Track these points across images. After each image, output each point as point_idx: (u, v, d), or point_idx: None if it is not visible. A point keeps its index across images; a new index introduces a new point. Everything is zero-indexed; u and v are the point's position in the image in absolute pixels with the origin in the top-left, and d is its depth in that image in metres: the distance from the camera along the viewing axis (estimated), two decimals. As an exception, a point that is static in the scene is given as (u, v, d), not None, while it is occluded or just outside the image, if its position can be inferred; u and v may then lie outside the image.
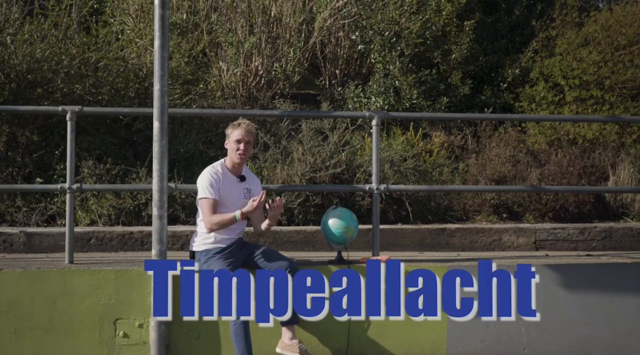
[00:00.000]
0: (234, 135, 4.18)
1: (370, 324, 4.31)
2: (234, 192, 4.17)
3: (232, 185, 4.18)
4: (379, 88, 7.69)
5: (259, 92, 8.27)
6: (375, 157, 4.57)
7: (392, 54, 7.67)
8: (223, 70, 8.34)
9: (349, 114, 6.54)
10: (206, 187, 4.08)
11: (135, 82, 6.92)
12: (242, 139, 4.17)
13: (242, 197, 4.21)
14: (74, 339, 4.17)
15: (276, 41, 8.32)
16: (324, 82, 8.46)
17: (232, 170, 4.22)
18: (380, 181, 4.72)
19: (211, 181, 4.09)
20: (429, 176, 6.69)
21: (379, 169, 4.58)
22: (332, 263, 4.42)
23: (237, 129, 4.19)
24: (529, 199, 6.23)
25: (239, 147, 4.16)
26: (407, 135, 7.53)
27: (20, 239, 5.34)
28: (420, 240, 5.61)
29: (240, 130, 4.18)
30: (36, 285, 4.17)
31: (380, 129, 4.59)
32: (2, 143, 5.91)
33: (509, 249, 5.66)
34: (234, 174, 4.21)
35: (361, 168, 6.13)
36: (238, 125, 4.21)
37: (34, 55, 5.92)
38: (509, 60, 8.04)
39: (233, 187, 4.18)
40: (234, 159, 4.18)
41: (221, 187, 4.12)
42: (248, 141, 4.20)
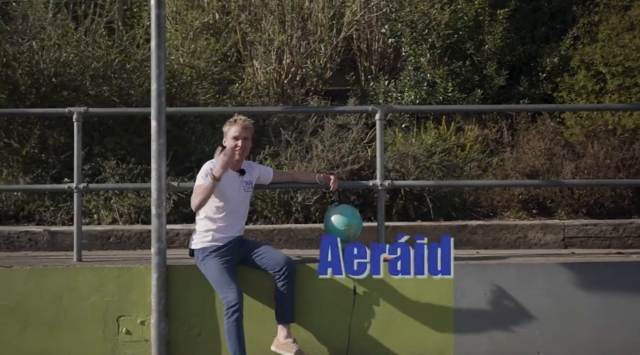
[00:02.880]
0: (231, 132, 4.16)
1: (371, 323, 4.20)
2: (234, 187, 4.16)
3: (232, 180, 4.16)
4: (410, 82, 7.51)
5: (293, 90, 8.26)
6: (380, 152, 4.43)
7: (423, 46, 7.46)
8: (256, 68, 8.38)
9: (352, 108, 6.38)
10: (201, 177, 4.08)
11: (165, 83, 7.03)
12: (240, 135, 4.15)
13: (242, 192, 4.20)
14: (79, 335, 4.26)
15: (307, 37, 8.27)
16: (359, 78, 8.35)
17: (231, 165, 4.20)
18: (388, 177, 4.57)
19: (207, 171, 4.08)
20: (459, 171, 6.47)
21: (384, 165, 4.46)
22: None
23: (234, 126, 4.17)
24: (561, 194, 5.91)
25: (236, 144, 4.14)
26: (440, 129, 7.33)
27: (44, 238, 5.52)
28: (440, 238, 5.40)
29: (237, 126, 4.16)
30: (43, 283, 4.28)
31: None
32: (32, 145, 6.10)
33: (535, 247, 5.38)
34: (233, 169, 4.19)
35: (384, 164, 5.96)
36: (234, 122, 4.19)
37: (60, 59, 6.09)
38: (548, 49, 7.66)
39: (232, 182, 4.16)
40: (232, 156, 4.16)
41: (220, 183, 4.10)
42: (245, 137, 4.18)
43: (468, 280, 4.20)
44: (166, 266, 4.14)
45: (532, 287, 4.19)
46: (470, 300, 4.20)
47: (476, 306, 4.20)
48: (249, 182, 4.26)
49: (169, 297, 4.18)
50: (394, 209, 5.69)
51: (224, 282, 3.95)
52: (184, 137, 6.52)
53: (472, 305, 4.20)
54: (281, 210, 5.73)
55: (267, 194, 5.70)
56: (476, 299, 4.20)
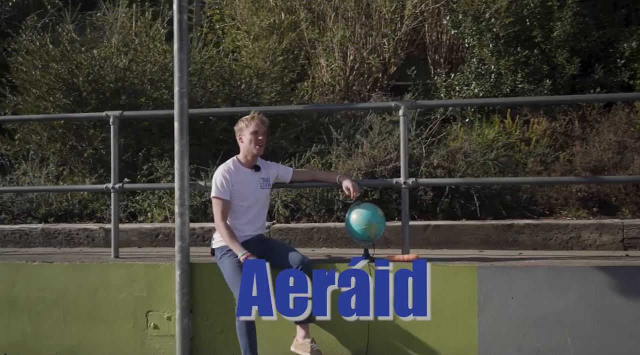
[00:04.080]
0: (250, 128, 4.21)
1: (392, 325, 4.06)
2: (251, 184, 4.20)
3: (248, 177, 4.20)
4: (472, 74, 7.20)
5: (359, 86, 8.19)
6: (404, 149, 4.27)
7: (487, 36, 7.12)
8: (322, 66, 8.39)
9: (374, 105, 6.19)
10: (218, 186, 4.14)
11: (226, 84, 7.24)
12: (259, 130, 4.21)
13: (258, 188, 4.22)
14: (112, 329, 4.47)
15: (370, 33, 8.16)
16: (429, 71, 8.13)
17: (247, 163, 4.24)
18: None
19: (222, 181, 4.14)
20: (519, 167, 6.13)
21: (407, 162, 4.27)
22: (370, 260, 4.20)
23: (253, 122, 4.22)
24: (625, 191, 5.43)
25: (257, 139, 4.19)
26: (506, 123, 6.98)
27: (100, 235, 5.85)
28: (484, 238, 5.16)
29: (255, 122, 4.22)
30: (80, 277, 4.53)
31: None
32: (94, 147, 6.48)
33: (590, 248, 4.98)
34: (249, 166, 4.23)
35: (430, 160, 5.78)
36: (252, 118, 4.24)
37: (119, 66, 6.42)
38: (627, 33, 7.06)
39: (249, 179, 4.20)
40: (252, 151, 4.20)
41: (235, 182, 4.15)
42: (264, 132, 4.25)
43: (492, 283, 3.96)
44: (189, 264, 4.24)
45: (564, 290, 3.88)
46: (495, 305, 3.96)
47: (501, 311, 3.95)
48: (267, 179, 4.27)
49: (193, 294, 4.27)
50: (438, 207, 5.49)
51: (237, 281, 3.96)
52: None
53: (497, 310, 3.96)
54: (323, 208, 5.69)
55: (309, 192, 5.69)
56: (502, 303, 3.95)
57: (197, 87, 7.05)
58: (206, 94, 7.13)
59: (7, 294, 4.63)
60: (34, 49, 6.75)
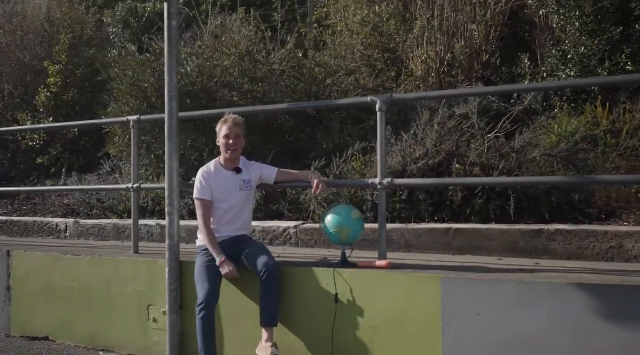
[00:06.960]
0: (222, 131, 4.24)
1: (355, 335, 3.83)
2: (229, 186, 4.22)
3: (227, 179, 4.23)
4: (561, 58, 6.41)
5: (453, 78, 7.75)
6: (381, 146, 3.97)
7: (572, 14, 6.28)
8: (411, 58, 8.06)
9: (350, 101, 5.61)
10: (197, 188, 4.23)
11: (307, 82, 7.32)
12: (230, 133, 4.20)
13: (237, 190, 4.23)
14: (123, 320, 4.80)
15: (457, 21, 7.65)
16: (536, 57, 7.42)
17: (226, 165, 4.26)
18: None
19: (201, 181, 4.22)
20: (598, 164, 5.33)
21: (385, 160, 3.97)
22: (335, 266, 4.05)
23: (225, 125, 4.24)
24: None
25: (228, 143, 4.19)
26: (597, 112, 6.13)
27: (157, 230, 6.26)
28: (511, 244, 4.59)
29: (227, 125, 4.23)
30: (99, 271, 4.93)
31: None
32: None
33: (635, 260, 4.18)
34: (229, 168, 4.25)
35: (466, 157, 5.28)
36: (225, 121, 4.25)
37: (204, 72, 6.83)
38: None
39: (227, 182, 4.23)
40: (225, 155, 4.23)
41: (215, 184, 4.21)
42: (237, 135, 4.22)
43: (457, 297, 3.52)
44: (179, 261, 4.38)
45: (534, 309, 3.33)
46: (461, 320, 3.52)
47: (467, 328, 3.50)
48: (247, 181, 4.25)
49: (183, 290, 4.41)
50: (468, 208, 5.00)
51: (201, 280, 4.05)
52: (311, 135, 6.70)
53: (463, 327, 3.51)
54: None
55: (339, 192, 5.53)
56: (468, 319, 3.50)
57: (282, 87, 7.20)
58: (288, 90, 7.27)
59: (49, 283, 5.20)
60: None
